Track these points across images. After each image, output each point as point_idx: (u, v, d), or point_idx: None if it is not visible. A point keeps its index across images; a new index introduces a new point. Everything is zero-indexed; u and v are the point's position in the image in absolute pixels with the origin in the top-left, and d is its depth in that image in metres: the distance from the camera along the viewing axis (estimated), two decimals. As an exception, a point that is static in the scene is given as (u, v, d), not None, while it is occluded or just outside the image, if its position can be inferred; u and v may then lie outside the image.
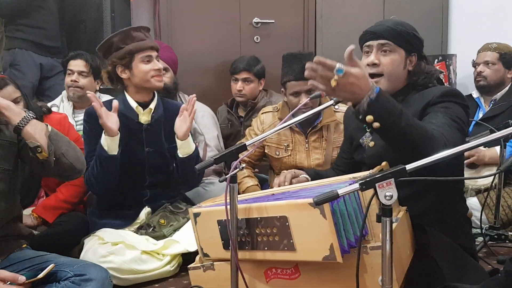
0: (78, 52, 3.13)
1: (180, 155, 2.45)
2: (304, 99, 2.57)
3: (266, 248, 1.60)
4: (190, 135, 2.46)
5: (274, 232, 1.56)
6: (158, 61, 2.48)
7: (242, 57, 3.43)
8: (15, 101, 2.50)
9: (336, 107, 2.70)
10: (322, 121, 2.70)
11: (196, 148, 2.50)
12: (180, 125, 2.42)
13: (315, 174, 2.04)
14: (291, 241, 1.52)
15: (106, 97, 3.24)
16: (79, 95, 3.08)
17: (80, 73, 3.06)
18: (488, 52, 3.27)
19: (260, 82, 3.41)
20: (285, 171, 1.98)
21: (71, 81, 3.05)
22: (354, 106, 1.47)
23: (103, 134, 2.34)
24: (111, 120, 2.30)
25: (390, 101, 1.47)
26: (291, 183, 1.92)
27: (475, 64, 3.34)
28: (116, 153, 2.34)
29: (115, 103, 2.34)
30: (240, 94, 3.35)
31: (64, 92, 3.17)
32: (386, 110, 1.45)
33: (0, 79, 2.42)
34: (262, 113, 2.90)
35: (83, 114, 2.84)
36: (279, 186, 1.91)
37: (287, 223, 1.52)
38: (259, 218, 1.60)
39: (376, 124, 1.46)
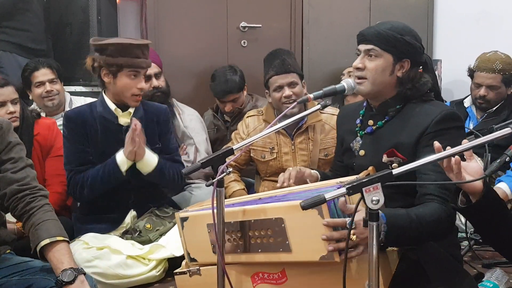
0: (36, 61, 3.06)
1: (144, 174, 2.44)
2: (287, 92, 2.58)
3: (260, 250, 1.60)
4: (145, 153, 2.40)
5: (269, 234, 1.57)
6: (144, 77, 2.45)
7: (220, 77, 3.25)
8: (13, 102, 2.51)
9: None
10: (307, 121, 2.69)
11: (160, 162, 2.46)
12: (126, 147, 2.37)
13: (324, 174, 2.03)
14: (287, 242, 1.53)
15: (79, 100, 3.23)
16: (57, 103, 3.06)
17: (51, 81, 3.02)
18: (493, 74, 3.09)
19: (244, 89, 3.38)
20: (290, 168, 1.94)
21: (46, 92, 3.00)
22: None
23: (122, 155, 2.35)
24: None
25: (398, 222, 1.53)
26: (304, 182, 1.90)
27: (475, 83, 3.18)
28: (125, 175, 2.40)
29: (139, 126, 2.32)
30: (231, 112, 3.33)
31: (34, 104, 3.12)
32: (400, 233, 1.52)
33: (0, 78, 2.46)
34: (247, 117, 2.89)
35: (57, 121, 2.84)
36: (283, 182, 1.88)
37: (283, 225, 1.52)
38: (252, 221, 1.60)
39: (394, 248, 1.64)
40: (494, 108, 3.18)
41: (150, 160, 2.44)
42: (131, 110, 2.48)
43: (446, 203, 1.63)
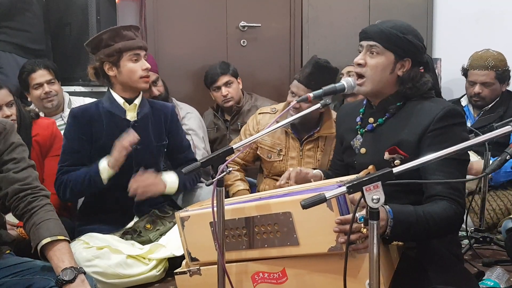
0: (32, 62, 3.05)
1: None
2: (294, 102, 2.56)
3: (266, 246, 1.61)
4: (166, 184, 2.48)
5: (276, 228, 1.58)
6: (146, 60, 2.47)
7: (211, 67, 3.40)
8: (8, 104, 2.49)
9: None
10: (320, 131, 2.67)
11: (180, 178, 2.53)
12: (112, 155, 2.38)
13: (325, 173, 2.03)
14: (295, 235, 1.54)
15: (78, 100, 3.23)
16: (56, 103, 3.06)
17: (48, 82, 3.01)
18: (486, 71, 3.13)
19: (238, 81, 3.40)
20: (290, 168, 1.94)
21: (45, 93, 2.99)
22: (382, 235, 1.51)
23: (105, 163, 2.35)
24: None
25: (405, 218, 1.53)
26: (307, 182, 1.90)
27: (470, 81, 3.21)
28: (106, 183, 2.39)
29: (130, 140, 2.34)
30: (227, 99, 3.33)
31: (32, 107, 3.12)
32: (406, 229, 1.53)
33: None
34: (259, 113, 2.86)
35: (56, 121, 2.83)
36: (282, 181, 1.89)
37: (290, 219, 1.54)
38: (258, 216, 1.61)
39: (400, 243, 1.67)
40: (490, 106, 3.20)
41: (172, 185, 2.51)
42: (137, 102, 2.49)
43: (454, 202, 1.63)
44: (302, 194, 1.61)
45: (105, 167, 2.36)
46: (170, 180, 2.50)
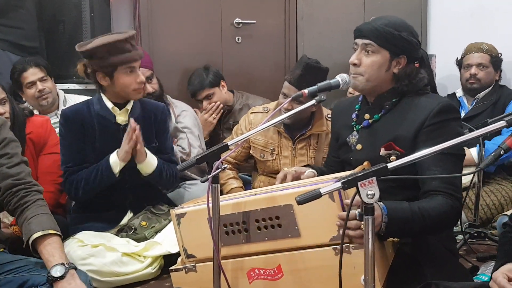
0: (22, 61, 3.02)
1: (143, 175, 2.45)
2: (286, 105, 2.54)
3: (266, 239, 1.62)
4: (146, 155, 2.41)
5: (277, 221, 1.58)
6: (139, 69, 2.44)
7: (191, 79, 3.39)
8: (1, 102, 2.47)
9: (329, 116, 2.68)
10: (312, 129, 2.67)
11: (159, 162, 2.46)
12: (122, 147, 2.37)
13: (320, 170, 2.03)
14: (296, 227, 1.55)
15: (73, 98, 3.21)
16: (51, 101, 3.03)
17: (41, 79, 2.98)
18: (481, 53, 3.21)
19: (221, 86, 3.37)
20: (285, 168, 1.94)
21: (39, 91, 2.96)
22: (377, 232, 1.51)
23: (115, 157, 2.35)
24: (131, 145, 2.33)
25: (399, 214, 1.53)
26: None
27: (465, 66, 3.27)
28: (119, 176, 2.39)
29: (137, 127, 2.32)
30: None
31: (26, 105, 3.09)
32: (401, 225, 1.53)
33: None
34: (252, 113, 2.86)
35: (51, 119, 2.81)
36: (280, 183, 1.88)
37: (291, 211, 1.55)
38: (259, 210, 1.61)
39: (396, 239, 1.68)
40: (483, 95, 3.21)
41: (151, 161, 2.44)
42: (128, 107, 2.47)
43: (451, 197, 1.64)
44: (301, 188, 1.62)
45: (116, 160, 2.36)
46: (152, 158, 2.45)
